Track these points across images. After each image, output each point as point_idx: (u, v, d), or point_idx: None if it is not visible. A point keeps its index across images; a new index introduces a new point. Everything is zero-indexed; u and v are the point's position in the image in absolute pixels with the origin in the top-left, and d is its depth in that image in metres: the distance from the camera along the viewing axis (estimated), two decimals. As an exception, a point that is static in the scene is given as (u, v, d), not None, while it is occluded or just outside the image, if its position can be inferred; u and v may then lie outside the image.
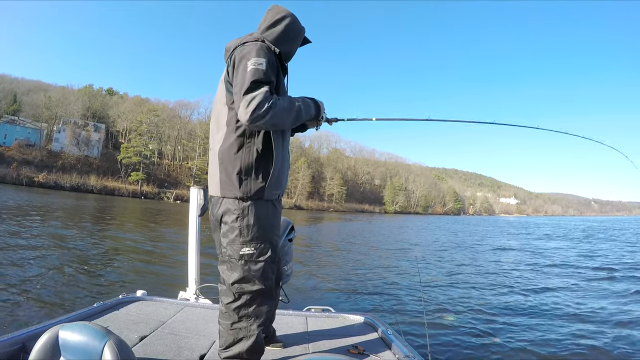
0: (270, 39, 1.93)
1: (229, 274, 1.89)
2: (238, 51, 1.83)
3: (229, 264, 1.89)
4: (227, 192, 1.86)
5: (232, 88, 1.83)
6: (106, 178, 67.73)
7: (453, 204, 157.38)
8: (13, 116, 72.29)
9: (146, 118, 77.78)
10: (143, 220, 25.30)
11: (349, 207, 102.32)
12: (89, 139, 74.01)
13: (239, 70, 1.77)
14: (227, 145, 1.85)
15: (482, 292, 9.08)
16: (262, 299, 1.92)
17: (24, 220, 16.45)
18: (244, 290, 1.87)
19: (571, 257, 17.08)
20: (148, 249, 12.45)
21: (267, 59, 1.79)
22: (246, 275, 1.86)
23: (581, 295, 9.12)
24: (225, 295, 1.93)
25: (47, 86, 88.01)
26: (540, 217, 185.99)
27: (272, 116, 1.71)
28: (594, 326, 6.57)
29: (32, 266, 8.09)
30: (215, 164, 1.91)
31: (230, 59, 1.88)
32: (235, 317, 1.89)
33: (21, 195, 34.53)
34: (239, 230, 1.84)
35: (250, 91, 1.69)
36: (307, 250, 15.51)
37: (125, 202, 46.92)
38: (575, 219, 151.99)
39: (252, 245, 1.85)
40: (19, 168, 58.79)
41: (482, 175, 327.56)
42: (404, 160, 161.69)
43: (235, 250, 1.86)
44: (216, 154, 1.90)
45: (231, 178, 1.83)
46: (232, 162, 1.83)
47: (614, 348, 5.61)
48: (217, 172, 1.90)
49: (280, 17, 1.95)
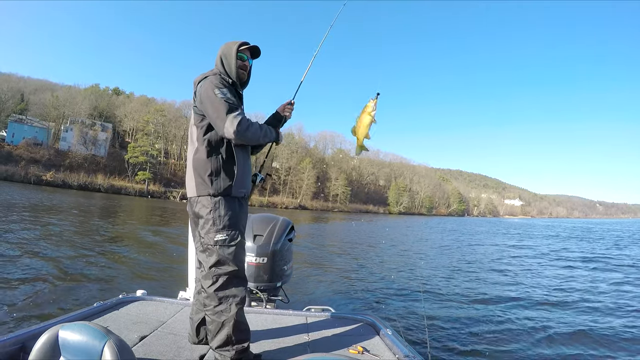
0: (222, 71, 2.36)
1: (207, 259, 2.19)
2: (202, 84, 2.25)
3: (207, 251, 2.19)
4: (202, 191, 2.21)
5: (199, 112, 2.26)
6: (113, 177, 67.92)
7: (457, 205, 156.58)
8: (20, 115, 72.54)
9: (153, 118, 77.99)
10: (147, 219, 25.27)
11: (353, 207, 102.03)
12: (96, 138, 74.31)
13: (210, 99, 2.16)
14: (199, 155, 2.24)
15: (482, 292, 9.09)
16: (237, 280, 2.21)
17: (31, 217, 16.42)
18: (221, 272, 2.16)
19: (572, 258, 17.23)
20: (149, 248, 12.29)
21: (227, 89, 2.22)
22: (221, 258, 2.16)
23: (582, 295, 9.14)
24: (205, 280, 2.20)
25: (54, 85, 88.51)
26: (544, 219, 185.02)
27: (252, 132, 2.19)
28: (595, 327, 6.57)
29: (34, 264, 8.02)
30: (190, 171, 2.27)
31: (196, 92, 2.29)
32: (216, 299, 2.14)
33: (29, 193, 34.57)
34: (212, 221, 2.17)
35: (231, 112, 2.11)
36: (309, 250, 15.48)
37: (131, 201, 46.90)
38: (578, 221, 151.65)
39: (224, 232, 2.17)
40: (27, 166, 59.02)
41: (486, 176, 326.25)
42: (409, 161, 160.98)
43: (210, 238, 2.17)
44: (191, 163, 2.27)
45: (204, 179, 2.20)
46: (203, 167, 2.22)
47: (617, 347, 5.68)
48: (192, 178, 2.25)
49: (219, 51, 2.41)
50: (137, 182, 70.05)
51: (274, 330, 2.73)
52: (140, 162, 72.08)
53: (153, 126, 77.68)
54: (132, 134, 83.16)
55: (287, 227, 3.76)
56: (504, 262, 15.02)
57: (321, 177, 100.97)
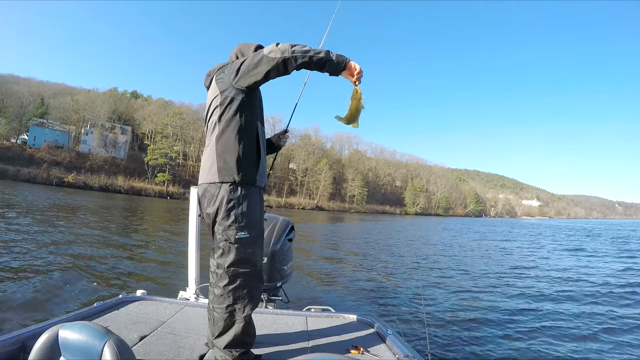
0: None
1: (225, 257, 2.03)
2: (228, 65, 2.11)
3: (225, 248, 2.03)
4: (226, 177, 2.03)
5: (227, 93, 2.06)
6: (133, 179, 68.86)
7: (474, 205, 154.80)
8: (41, 119, 73.93)
9: (171, 121, 79.21)
10: (165, 219, 25.24)
11: (370, 208, 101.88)
12: (115, 141, 75.36)
13: (237, 61, 2.03)
14: (225, 138, 2.06)
15: (483, 292, 9.08)
16: (255, 281, 2.09)
17: (53, 218, 16.66)
18: (239, 272, 2.03)
19: (574, 260, 16.85)
20: (156, 249, 12.17)
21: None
22: (242, 257, 2.02)
23: (581, 296, 9.10)
24: (221, 279, 2.05)
25: (72, 89, 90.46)
26: (562, 220, 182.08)
27: (298, 47, 1.88)
28: (595, 327, 6.60)
29: (38, 263, 8.06)
30: (213, 155, 2.08)
31: (214, 78, 2.14)
32: (231, 299, 2.02)
33: (53, 194, 35.12)
34: (234, 217, 2.01)
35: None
36: (311, 250, 15.45)
37: (151, 202, 47.35)
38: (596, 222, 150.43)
39: (246, 230, 2.03)
40: (49, 169, 60.18)
41: (504, 176, 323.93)
42: (425, 162, 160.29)
43: (230, 235, 2.01)
44: (214, 146, 2.08)
45: (230, 164, 2.03)
46: (231, 151, 2.04)
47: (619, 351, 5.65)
48: (214, 162, 2.06)
49: (234, 49, 2.31)
50: (156, 183, 70.92)
51: (273, 330, 2.69)
52: (160, 164, 73.18)
53: (172, 129, 78.92)
54: (150, 137, 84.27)
55: (287, 227, 3.70)
56: (506, 263, 14.76)
57: (338, 178, 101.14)
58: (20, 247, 9.41)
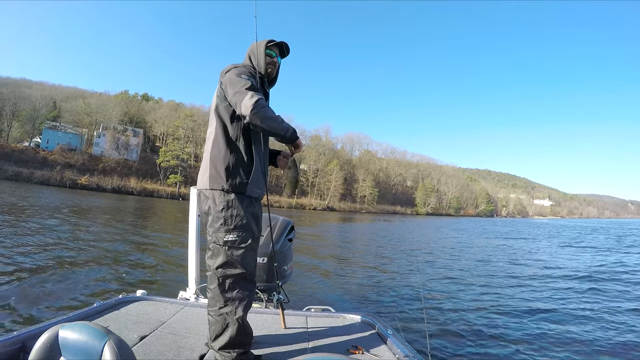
0: (250, 65, 2.29)
1: (215, 259, 2.08)
2: (229, 70, 2.14)
3: (215, 250, 2.08)
4: (215, 184, 2.09)
5: (223, 101, 2.14)
6: (145, 180, 69.07)
7: (485, 205, 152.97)
8: (54, 122, 74.53)
9: (183, 123, 79.37)
10: (174, 220, 25.16)
11: (381, 208, 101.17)
12: (127, 143, 75.71)
13: (232, 80, 2.06)
14: (217, 147, 2.12)
15: (483, 292, 9.03)
16: (244, 283, 2.11)
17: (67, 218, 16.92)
18: (227, 274, 2.06)
19: (575, 261, 16.46)
20: (160, 249, 12.08)
21: (254, 78, 2.14)
22: (229, 259, 2.05)
23: (581, 297, 9.01)
24: (210, 281, 2.10)
25: (84, 92, 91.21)
26: (574, 219, 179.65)
27: (270, 114, 1.98)
28: (596, 328, 6.52)
29: (38, 263, 8.10)
30: (206, 162, 2.15)
31: (222, 81, 2.17)
32: (222, 301, 2.06)
33: (67, 196, 35.49)
34: (223, 219, 2.06)
35: (252, 90, 1.98)
36: (313, 250, 15.41)
37: (163, 204, 47.10)
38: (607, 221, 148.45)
39: (234, 232, 2.06)
40: (62, 171, 60.65)
41: (515, 176, 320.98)
42: (436, 162, 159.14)
43: (219, 237, 2.06)
44: (208, 154, 2.15)
45: (219, 172, 2.08)
46: (221, 160, 2.09)
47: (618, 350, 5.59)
48: (207, 169, 2.12)
49: (247, 50, 2.36)
50: (168, 185, 71.07)
51: (273, 330, 2.68)
52: (172, 166, 73.44)
53: (183, 131, 79.06)
54: (162, 139, 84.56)
55: (287, 227, 3.70)
56: (508, 264, 14.53)
57: (349, 179, 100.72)
58: (32, 245, 9.55)
